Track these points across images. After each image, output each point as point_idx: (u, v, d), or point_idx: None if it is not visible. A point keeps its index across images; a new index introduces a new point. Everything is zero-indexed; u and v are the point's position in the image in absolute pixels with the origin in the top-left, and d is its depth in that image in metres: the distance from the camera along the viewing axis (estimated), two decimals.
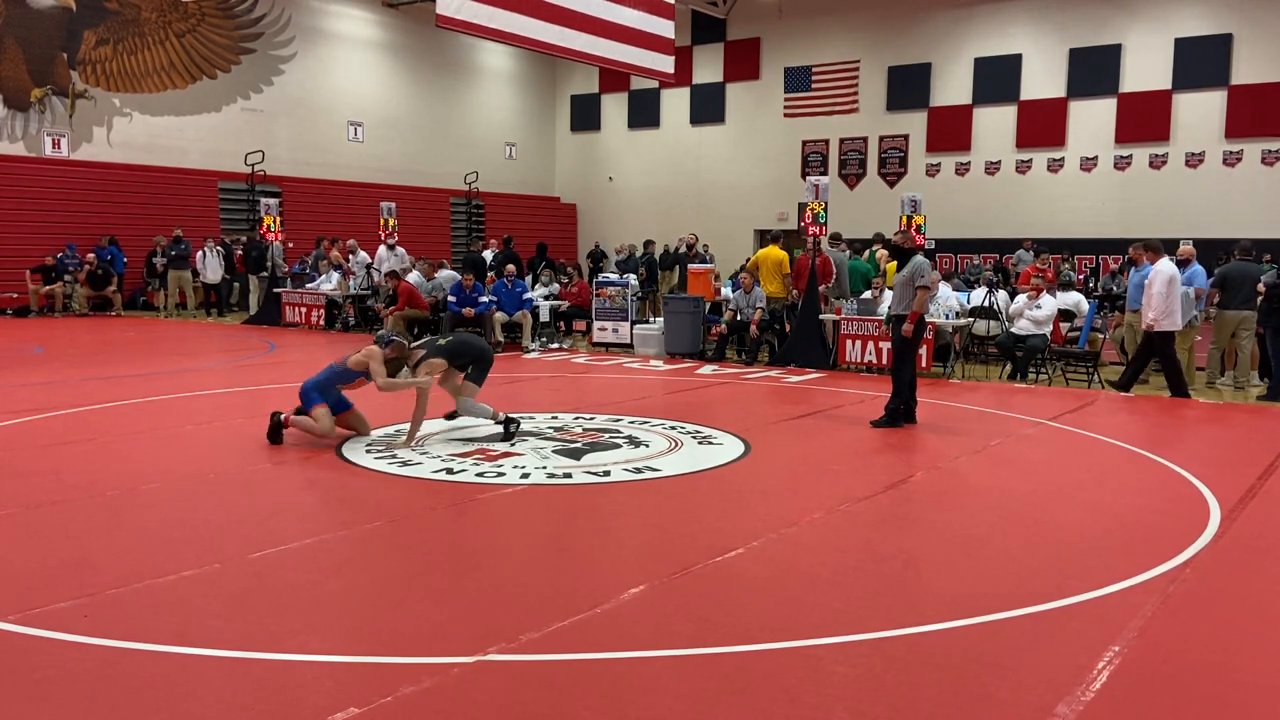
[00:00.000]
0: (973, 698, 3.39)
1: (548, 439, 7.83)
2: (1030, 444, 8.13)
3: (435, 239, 25.02)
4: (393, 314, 15.04)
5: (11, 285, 18.91)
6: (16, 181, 19.05)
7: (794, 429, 8.64)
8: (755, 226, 25.58)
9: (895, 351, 9.04)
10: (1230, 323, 11.31)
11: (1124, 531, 5.52)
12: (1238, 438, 8.76)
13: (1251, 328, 11.37)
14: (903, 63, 23.91)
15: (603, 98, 28.94)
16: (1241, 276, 11.23)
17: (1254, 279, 11.18)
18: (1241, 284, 11.18)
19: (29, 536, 5.08)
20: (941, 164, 23.74)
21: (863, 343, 12.36)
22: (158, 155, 21.26)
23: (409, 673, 3.50)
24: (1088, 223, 21.54)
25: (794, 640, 3.86)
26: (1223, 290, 11.23)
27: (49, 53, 19.80)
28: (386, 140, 25.57)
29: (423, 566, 4.79)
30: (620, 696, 3.37)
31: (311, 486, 6.38)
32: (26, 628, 3.86)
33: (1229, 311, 11.25)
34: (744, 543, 5.13)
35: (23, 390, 9.78)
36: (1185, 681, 3.59)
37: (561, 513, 5.83)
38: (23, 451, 7.08)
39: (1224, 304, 11.24)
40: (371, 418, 7.93)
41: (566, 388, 11.07)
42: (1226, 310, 11.26)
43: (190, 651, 3.68)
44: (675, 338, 13.90)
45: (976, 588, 4.51)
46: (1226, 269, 11.45)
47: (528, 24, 15.81)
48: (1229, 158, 20.49)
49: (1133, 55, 21.29)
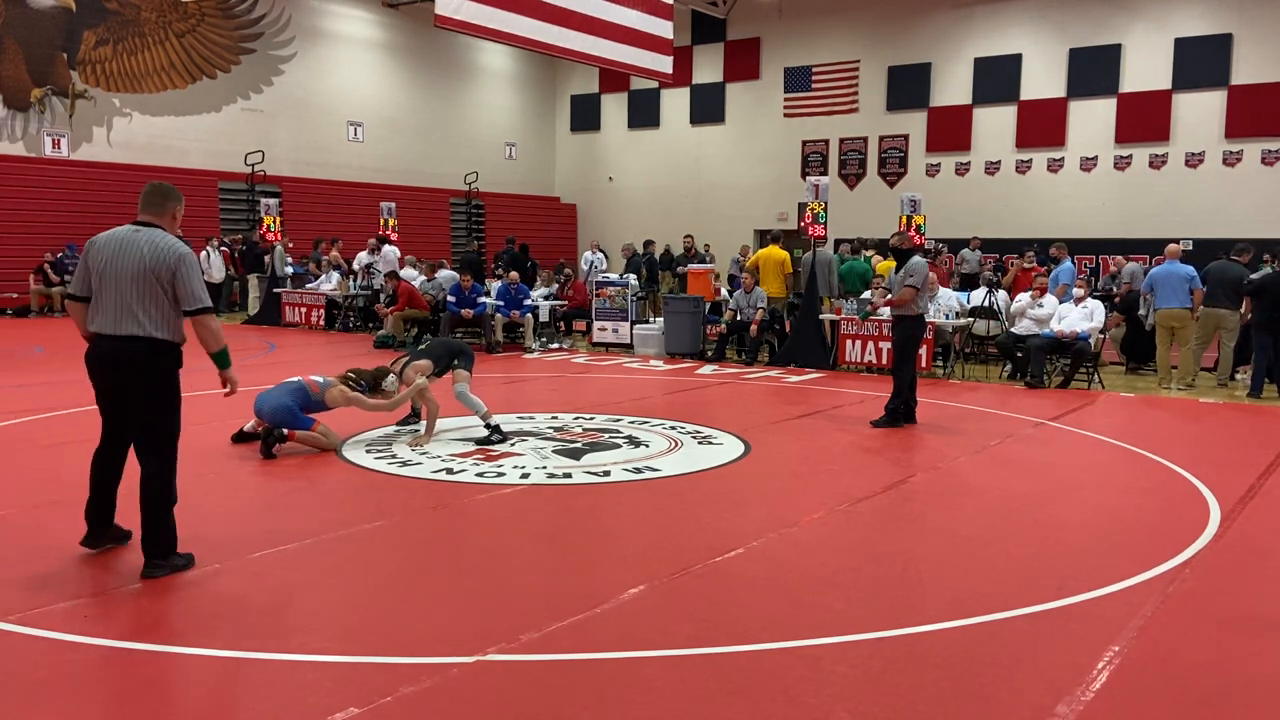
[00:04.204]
0: (973, 698, 3.39)
1: (548, 439, 7.82)
2: (1030, 444, 8.13)
3: (435, 239, 25.01)
4: (393, 314, 15.05)
5: (12, 285, 18.92)
6: (16, 181, 19.04)
7: (794, 429, 8.64)
8: (755, 226, 25.56)
9: (896, 352, 9.06)
10: (1209, 320, 11.40)
11: (1124, 531, 5.52)
12: (1238, 438, 8.76)
13: (1233, 327, 11.45)
14: (903, 63, 23.90)
15: (603, 98, 28.93)
16: (1220, 275, 11.32)
17: (1234, 279, 11.27)
18: (1221, 282, 11.26)
19: (29, 536, 5.08)
20: (941, 164, 23.73)
21: (863, 343, 12.36)
22: (158, 155, 21.24)
23: (409, 673, 3.50)
24: (1088, 223, 21.52)
25: (794, 640, 3.86)
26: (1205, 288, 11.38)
27: (49, 53, 19.79)
28: (386, 140, 25.56)
29: (423, 566, 4.79)
30: (620, 697, 3.37)
31: (311, 486, 6.37)
32: (26, 628, 3.86)
33: (1208, 309, 11.37)
34: (744, 543, 5.13)
35: (23, 390, 9.78)
36: (1185, 681, 3.59)
37: (561, 513, 5.83)
38: (23, 451, 7.08)
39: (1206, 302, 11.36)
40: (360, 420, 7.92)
41: (566, 388, 11.06)
42: (1207, 308, 11.36)
43: (190, 651, 3.68)
44: (675, 338, 13.90)
45: (976, 588, 4.51)
46: (1208, 267, 11.55)
47: (527, 24, 15.80)
48: (1229, 158, 20.48)
49: (1133, 55, 21.28)
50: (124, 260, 4.42)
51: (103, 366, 4.48)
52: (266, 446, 6.96)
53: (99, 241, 4.55)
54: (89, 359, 4.53)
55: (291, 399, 7.20)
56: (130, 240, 4.47)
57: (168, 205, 4.64)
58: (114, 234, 4.54)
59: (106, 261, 4.45)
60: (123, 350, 4.42)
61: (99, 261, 4.47)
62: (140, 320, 4.40)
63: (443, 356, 7.88)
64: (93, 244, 4.55)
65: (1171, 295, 11.38)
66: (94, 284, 4.48)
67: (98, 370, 4.51)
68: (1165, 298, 11.44)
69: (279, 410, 7.11)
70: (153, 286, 4.41)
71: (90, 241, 4.59)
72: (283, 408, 7.13)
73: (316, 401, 7.31)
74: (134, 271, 4.41)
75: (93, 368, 4.52)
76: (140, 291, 4.40)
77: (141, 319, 4.41)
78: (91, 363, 4.52)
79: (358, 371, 7.63)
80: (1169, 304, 11.40)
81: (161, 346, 4.46)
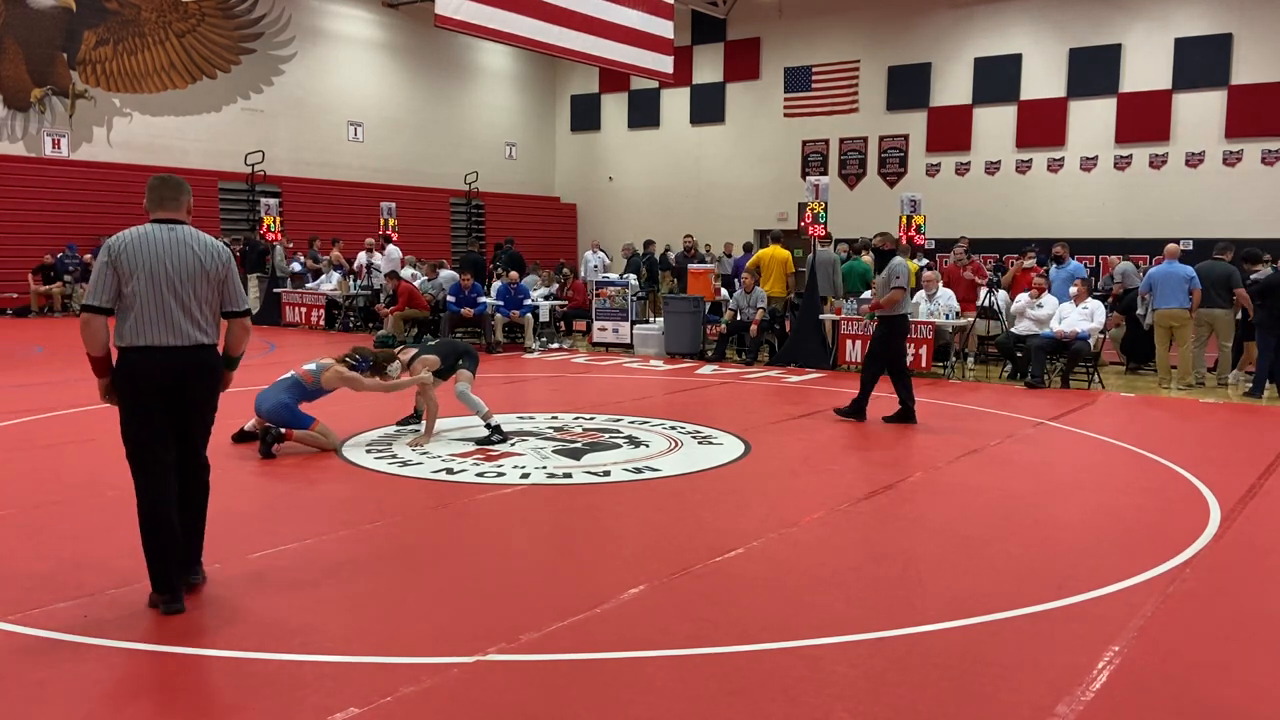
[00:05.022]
0: (973, 698, 3.39)
1: (548, 439, 7.82)
2: (1030, 444, 8.13)
3: (435, 239, 25.01)
4: (393, 314, 15.06)
5: (11, 285, 18.92)
6: (16, 181, 19.04)
7: (794, 429, 8.64)
8: (755, 226, 25.53)
9: (873, 349, 9.17)
10: (1202, 320, 11.42)
11: (1124, 531, 5.52)
12: (1238, 437, 8.76)
13: (1228, 327, 11.46)
14: (903, 63, 23.89)
15: (603, 98, 28.92)
16: (1207, 274, 11.35)
17: (1221, 277, 11.29)
18: (1210, 282, 11.28)
19: (29, 536, 5.08)
20: (941, 164, 23.73)
21: (863, 342, 12.35)
22: (158, 155, 21.23)
23: (409, 673, 3.50)
24: (1088, 223, 21.52)
25: (794, 640, 3.86)
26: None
27: (49, 53, 19.79)
28: (386, 140, 25.55)
29: (423, 566, 4.79)
30: (620, 696, 3.37)
31: (311, 486, 6.37)
32: (26, 628, 3.86)
33: (1202, 309, 11.41)
34: (744, 543, 5.13)
35: (23, 390, 9.79)
36: (1185, 681, 3.58)
37: (561, 513, 5.83)
38: (23, 451, 7.08)
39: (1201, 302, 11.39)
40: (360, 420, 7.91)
41: (566, 388, 11.06)
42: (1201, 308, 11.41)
43: (190, 651, 3.69)
44: (675, 338, 13.91)
45: (976, 588, 4.51)
46: (1199, 267, 11.56)
47: (527, 24, 15.80)
48: (1229, 158, 20.47)
49: (1133, 55, 21.28)
50: (173, 262, 4.03)
51: (162, 381, 4.03)
52: (265, 446, 6.97)
53: (128, 246, 4.02)
54: (137, 376, 4.02)
55: (289, 395, 7.21)
56: (173, 241, 4.07)
57: (184, 198, 4.25)
58: (145, 236, 4.05)
59: (147, 266, 4.00)
60: (184, 361, 4.06)
61: (136, 266, 3.99)
62: (199, 324, 4.10)
63: (449, 356, 7.89)
64: (120, 250, 4.01)
65: (1170, 295, 11.41)
66: (129, 292, 3.99)
67: (155, 386, 4.02)
68: (1164, 298, 11.46)
69: (276, 408, 7.12)
70: (205, 288, 4.11)
71: (112, 248, 4.03)
72: (280, 405, 7.14)
73: (314, 390, 7.32)
74: (186, 273, 4.05)
75: (144, 385, 4.02)
76: (194, 294, 4.07)
77: (200, 323, 4.10)
78: (141, 379, 4.01)
79: (362, 351, 7.60)
80: (1168, 304, 11.41)
81: (215, 351, 4.21)
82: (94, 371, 4.11)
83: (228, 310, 4.26)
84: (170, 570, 4.04)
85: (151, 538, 4.03)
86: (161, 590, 4.03)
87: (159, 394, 4.03)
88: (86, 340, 4.02)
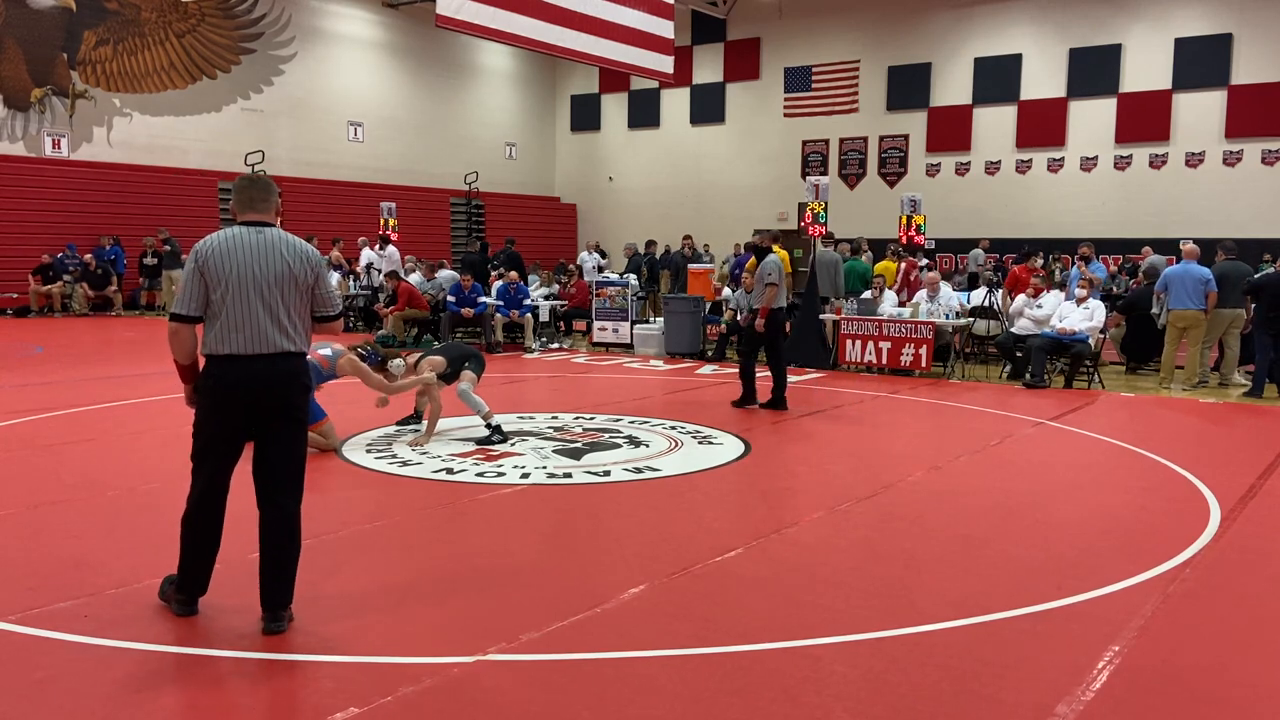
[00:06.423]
0: (973, 698, 3.39)
1: (548, 439, 7.82)
2: (1030, 444, 8.13)
3: (435, 239, 25.00)
4: (393, 314, 15.06)
5: (11, 285, 18.92)
6: (16, 181, 19.04)
7: (794, 429, 8.64)
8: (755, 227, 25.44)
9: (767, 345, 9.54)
10: (1218, 320, 11.40)
11: (1124, 531, 5.52)
12: (1238, 437, 8.76)
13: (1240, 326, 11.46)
14: (903, 63, 23.90)
15: (603, 98, 28.93)
16: (1236, 276, 11.34)
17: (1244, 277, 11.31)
18: (1236, 283, 11.28)
19: (29, 536, 5.08)
20: (941, 164, 23.73)
21: (863, 342, 12.36)
22: (158, 155, 21.25)
23: (409, 673, 3.50)
24: (1088, 223, 21.51)
25: (794, 640, 3.86)
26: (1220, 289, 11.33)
27: (49, 53, 19.79)
28: (386, 140, 25.55)
29: (423, 566, 4.79)
30: (620, 696, 3.37)
31: (311, 486, 6.34)
32: (26, 628, 3.86)
33: (1224, 310, 11.35)
34: (744, 543, 5.13)
35: (23, 390, 9.78)
36: (1185, 681, 3.58)
37: (561, 513, 5.83)
38: (23, 451, 7.08)
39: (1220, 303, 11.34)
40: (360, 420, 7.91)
41: (566, 388, 11.06)
42: (1222, 309, 11.35)
43: (190, 652, 3.69)
44: (675, 338, 13.91)
45: (976, 588, 4.51)
46: (1221, 268, 11.51)
47: (528, 24, 15.79)
48: (1229, 158, 20.48)
49: (1133, 55, 21.29)
50: (264, 267, 3.85)
51: (251, 391, 3.86)
52: None
53: (217, 250, 3.84)
54: (221, 385, 3.87)
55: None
56: (262, 244, 3.88)
57: (273, 200, 4.07)
58: (233, 240, 3.87)
59: (239, 270, 3.82)
60: (276, 370, 3.89)
61: (226, 272, 3.81)
62: (290, 332, 3.91)
63: (455, 359, 7.89)
64: (208, 254, 3.84)
65: (1186, 296, 11.28)
66: (216, 298, 3.83)
67: (241, 397, 3.87)
68: (1179, 298, 11.36)
69: None
70: (296, 293, 3.92)
71: (199, 253, 3.87)
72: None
73: (329, 374, 7.30)
74: (278, 278, 3.86)
75: (231, 396, 3.87)
76: (286, 300, 3.89)
77: (291, 331, 3.91)
78: (230, 390, 3.86)
79: (372, 344, 7.65)
80: (1183, 305, 11.33)
81: (302, 360, 4.01)
82: (180, 377, 4.04)
83: (319, 314, 4.07)
84: (200, 573, 4.00)
85: (190, 532, 3.98)
86: (183, 590, 4.02)
87: (241, 403, 3.89)
88: (174, 349, 3.94)
